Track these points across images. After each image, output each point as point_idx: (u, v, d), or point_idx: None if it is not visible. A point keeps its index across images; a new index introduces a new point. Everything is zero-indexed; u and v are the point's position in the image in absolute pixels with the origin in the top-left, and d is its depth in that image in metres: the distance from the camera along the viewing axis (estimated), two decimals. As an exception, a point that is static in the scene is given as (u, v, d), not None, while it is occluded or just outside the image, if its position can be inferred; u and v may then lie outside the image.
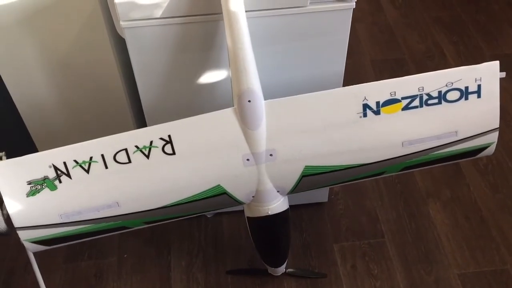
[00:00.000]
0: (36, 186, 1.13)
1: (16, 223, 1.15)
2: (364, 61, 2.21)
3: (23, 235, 1.18)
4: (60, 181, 1.13)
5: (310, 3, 1.12)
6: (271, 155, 1.16)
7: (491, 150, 1.25)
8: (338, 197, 1.70)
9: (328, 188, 1.63)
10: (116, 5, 1.09)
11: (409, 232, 1.60)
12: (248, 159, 1.16)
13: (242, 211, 1.34)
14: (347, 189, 1.72)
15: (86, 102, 1.49)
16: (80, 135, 1.16)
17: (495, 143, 1.23)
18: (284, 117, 1.14)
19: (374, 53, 2.25)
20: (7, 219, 1.16)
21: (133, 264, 1.56)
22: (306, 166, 1.19)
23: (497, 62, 1.14)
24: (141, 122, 1.54)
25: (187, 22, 1.12)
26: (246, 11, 1.06)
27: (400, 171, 1.26)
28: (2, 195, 1.12)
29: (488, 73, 1.14)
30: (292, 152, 1.17)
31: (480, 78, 1.15)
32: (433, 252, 1.55)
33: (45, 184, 1.13)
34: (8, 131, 1.51)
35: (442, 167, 1.76)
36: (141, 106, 1.32)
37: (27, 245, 1.21)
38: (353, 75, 2.10)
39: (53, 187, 1.13)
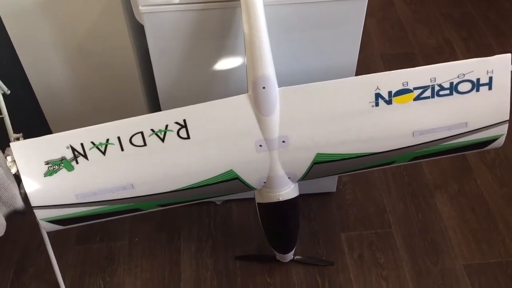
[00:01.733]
0: (54, 166, 1.15)
1: (33, 202, 1.18)
2: (374, 55, 2.22)
3: (39, 214, 1.20)
4: (77, 162, 1.15)
5: (326, -8, 1.14)
6: (283, 141, 1.18)
7: (500, 142, 1.27)
8: (346, 187, 1.72)
9: (336, 178, 1.65)
10: (135, -10, 1.11)
11: (416, 223, 1.62)
12: (260, 145, 1.18)
13: (252, 198, 1.36)
14: (355, 180, 1.74)
15: (101, 87, 1.51)
16: (94, 120, 1.19)
17: (505, 135, 1.25)
18: (297, 105, 1.16)
19: (384, 47, 2.26)
20: (25, 198, 1.19)
21: (143, 247, 1.59)
22: (317, 154, 1.21)
23: (509, 55, 1.16)
24: (154, 108, 1.56)
25: (205, 9, 1.14)
26: (263, -1, 1.08)
27: (410, 161, 1.28)
28: (21, 174, 1.15)
29: (500, 65, 1.16)
30: (304, 140, 1.19)
31: (492, 70, 1.16)
32: (440, 243, 1.57)
33: (63, 164, 1.15)
34: (25, 113, 1.54)
35: (450, 160, 1.78)
36: (155, 93, 1.34)
37: (43, 224, 1.23)
38: (363, 68, 2.11)
39: (70, 168, 1.16)
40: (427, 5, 2.47)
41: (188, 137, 1.16)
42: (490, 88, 1.18)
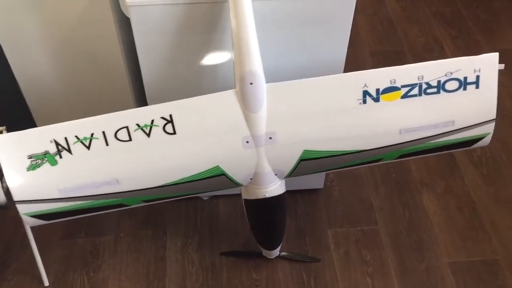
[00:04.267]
0: (37, 160, 1.14)
1: (16, 197, 1.16)
2: (363, 52, 2.22)
3: (22, 208, 1.19)
4: (60, 156, 1.14)
5: (314, -12, 1.13)
6: (270, 138, 1.17)
7: (486, 141, 1.27)
8: (333, 184, 1.72)
9: (324, 174, 1.65)
10: (122, -18, 1.09)
11: (402, 220, 1.63)
12: (247, 142, 1.17)
13: (239, 195, 1.36)
14: (342, 177, 1.74)
15: (87, 80, 1.49)
16: (79, 113, 1.17)
17: (491, 134, 1.25)
18: (285, 101, 1.15)
19: (374, 44, 2.26)
20: (7, 192, 1.17)
21: (129, 243, 1.58)
22: (304, 150, 1.21)
23: (496, 54, 1.16)
24: (141, 102, 1.55)
25: (193, 3, 1.13)
26: (251, -6, 1.07)
27: (397, 158, 1.28)
28: (2, 168, 1.14)
29: (487, 64, 1.16)
30: (292, 136, 1.18)
31: (479, 69, 1.16)
32: (425, 241, 1.57)
33: (46, 158, 1.14)
34: (8, 106, 1.52)
35: (437, 159, 1.78)
36: (142, 86, 1.32)
37: (26, 219, 1.22)
38: (352, 65, 2.07)
39: (54, 162, 1.15)
40: (417, 3, 2.47)
41: (174, 133, 1.15)
42: (477, 87, 1.18)
